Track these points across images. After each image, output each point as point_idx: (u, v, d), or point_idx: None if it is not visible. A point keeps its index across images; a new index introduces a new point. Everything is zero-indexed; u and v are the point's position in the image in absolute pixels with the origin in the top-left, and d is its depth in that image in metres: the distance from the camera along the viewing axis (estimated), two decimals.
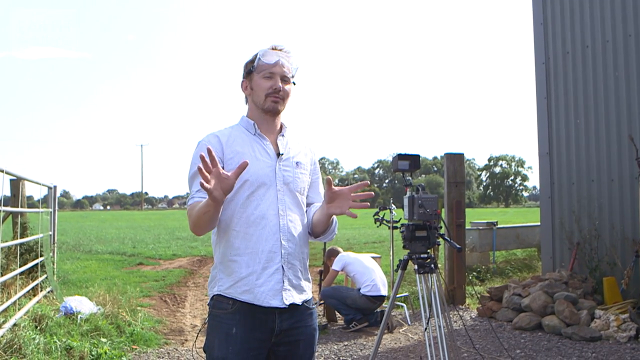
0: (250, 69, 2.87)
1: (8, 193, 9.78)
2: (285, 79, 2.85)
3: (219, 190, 2.43)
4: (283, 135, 2.95)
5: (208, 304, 2.84)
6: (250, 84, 2.89)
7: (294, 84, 2.92)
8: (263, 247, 2.73)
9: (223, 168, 2.67)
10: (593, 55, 9.21)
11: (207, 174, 2.40)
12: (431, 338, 4.48)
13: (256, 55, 2.85)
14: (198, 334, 7.67)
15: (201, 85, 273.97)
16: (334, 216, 2.91)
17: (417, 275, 4.72)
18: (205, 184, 2.37)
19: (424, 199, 4.69)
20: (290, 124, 2.99)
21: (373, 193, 2.80)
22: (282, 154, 2.89)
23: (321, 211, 2.87)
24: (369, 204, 2.81)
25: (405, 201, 4.84)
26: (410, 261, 4.81)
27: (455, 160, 10.05)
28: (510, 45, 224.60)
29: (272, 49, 2.85)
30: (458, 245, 4.79)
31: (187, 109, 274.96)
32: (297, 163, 2.94)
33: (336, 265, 8.40)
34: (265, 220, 2.75)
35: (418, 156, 4.89)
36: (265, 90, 2.82)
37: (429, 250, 4.79)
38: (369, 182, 2.82)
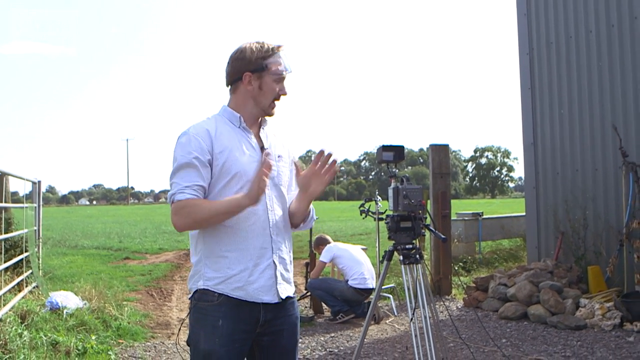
0: (263, 67, 2.78)
1: None
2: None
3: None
4: (263, 129, 2.94)
5: (190, 298, 2.81)
6: (259, 82, 2.80)
7: None
8: (255, 243, 2.73)
9: (212, 162, 2.69)
10: (577, 45, 9.24)
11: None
12: (417, 329, 4.50)
13: (268, 53, 2.79)
14: (180, 327, 7.66)
15: (186, 79, 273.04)
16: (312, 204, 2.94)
17: (402, 266, 4.73)
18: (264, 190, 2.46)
19: (409, 189, 4.69)
20: (275, 116, 2.97)
21: (331, 153, 2.80)
22: (268, 148, 2.89)
23: (300, 199, 2.89)
24: (336, 159, 2.81)
25: (390, 192, 4.84)
26: (395, 252, 4.82)
27: (440, 151, 10.08)
28: (495, 36, 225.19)
29: (278, 48, 2.83)
30: (443, 236, 4.80)
31: (172, 103, 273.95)
32: (279, 156, 2.94)
33: (324, 257, 8.38)
34: (256, 215, 2.74)
35: (402, 147, 4.89)
36: (275, 94, 2.81)
37: (414, 241, 4.80)
38: (323, 150, 2.80)
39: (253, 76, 2.81)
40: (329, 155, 2.80)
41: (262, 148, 2.87)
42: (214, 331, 2.67)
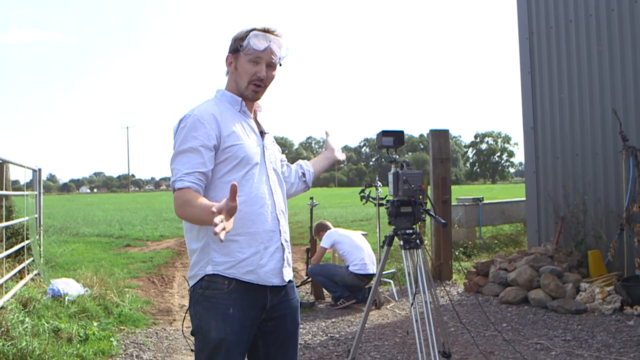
0: (238, 47, 2.79)
1: None
2: (271, 65, 2.81)
3: (229, 219, 2.29)
4: (259, 113, 2.96)
5: (194, 285, 2.75)
6: (235, 63, 2.82)
7: (280, 65, 2.87)
8: (264, 226, 2.74)
9: (219, 146, 2.67)
10: (577, 29, 9.21)
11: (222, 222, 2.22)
12: (417, 313, 4.51)
13: (247, 34, 2.76)
14: (185, 315, 7.67)
15: (186, 66, 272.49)
16: None
17: (402, 251, 4.73)
18: (225, 231, 2.22)
19: (409, 174, 4.68)
20: (276, 103, 2.96)
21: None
22: (268, 133, 2.91)
23: (328, 161, 3.46)
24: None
25: (390, 177, 4.84)
26: (396, 237, 4.82)
27: (440, 136, 10.06)
28: (495, 21, 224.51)
29: (264, 31, 2.77)
30: (443, 221, 4.79)
31: (172, 91, 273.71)
32: (272, 142, 2.99)
33: (325, 243, 8.39)
34: (263, 199, 2.75)
35: (402, 132, 4.87)
36: (249, 76, 2.78)
37: (414, 226, 4.79)
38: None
39: (232, 57, 2.84)
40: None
41: (262, 133, 2.88)
42: (225, 319, 2.66)
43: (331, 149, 3.46)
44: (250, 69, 2.77)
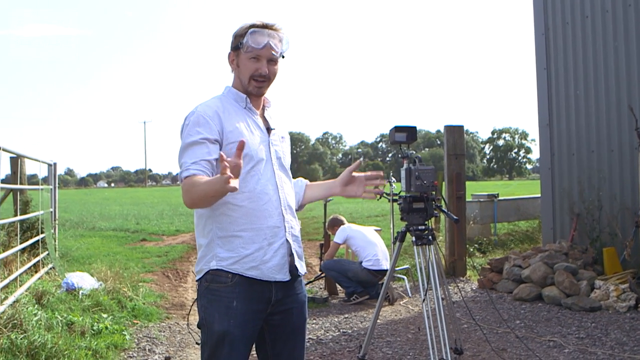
0: (238, 45, 2.80)
1: (8, 171, 9.77)
2: (272, 60, 2.81)
3: (234, 180, 2.32)
4: (267, 109, 2.95)
5: (198, 280, 2.80)
6: (237, 60, 2.84)
7: (283, 57, 2.86)
8: (268, 222, 2.74)
9: (222, 142, 2.69)
10: (593, 25, 9.14)
11: (229, 172, 2.27)
12: (429, 309, 4.50)
13: (246, 31, 2.77)
14: (190, 309, 7.70)
15: (203, 60, 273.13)
16: None
17: (415, 247, 4.72)
18: (232, 186, 2.27)
19: (421, 170, 4.67)
20: (291, 98, 2.95)
21: (383, 189, 3.18)
22: (274, 129, 2.90)
23: (327, 191, 3.11)
24: (379, 197, 3.16)
25: (403, 173, 4.83)
26: (408, 233, 4.81)
27: (455, 132, 10.02)
28: (511, 17, 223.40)
29: (263, 26, 2.78)
30: (455, 217, 4.78)
31: (190, 85, 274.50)
32: (282, 137, 2.97)
33: (338, 238, 8.40)
34: (268, 195, 2.75)
35: (415, 128, 4.87)
36: (251, 72, 2.79)
37: (426, 222, 4.78)
38: (382, 174, 3.00)
39: (233, 54, 2.85)
40: (379, 190, 3.09)
41: (268, 129, 2.88)
42: (228, 312, 2.68)
43: (342, 183, 3.05)
44: (251, 66, 2.78)
